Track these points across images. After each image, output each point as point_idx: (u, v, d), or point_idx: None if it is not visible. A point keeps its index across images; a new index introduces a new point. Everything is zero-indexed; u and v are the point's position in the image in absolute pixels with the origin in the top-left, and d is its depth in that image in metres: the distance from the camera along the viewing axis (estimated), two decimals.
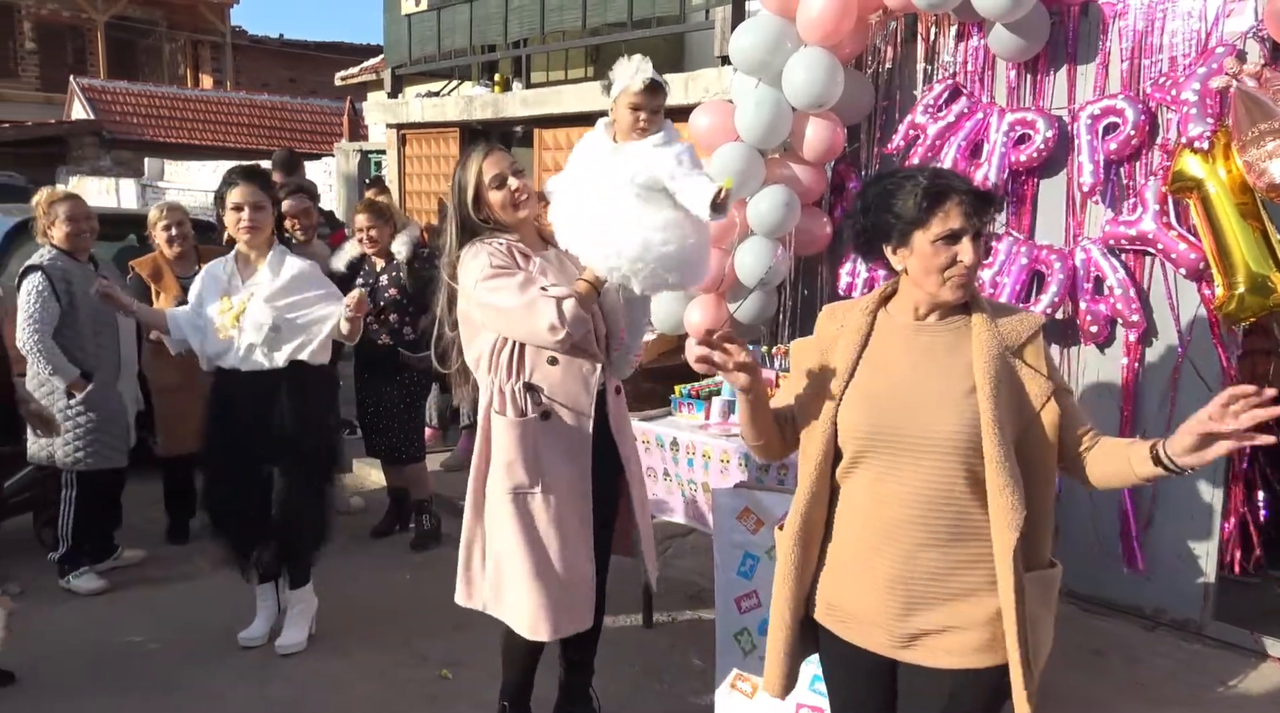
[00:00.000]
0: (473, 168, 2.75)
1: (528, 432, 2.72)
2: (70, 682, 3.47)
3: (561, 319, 2.59)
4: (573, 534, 2.76)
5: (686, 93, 5.24)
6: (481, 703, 3.23)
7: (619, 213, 2.69)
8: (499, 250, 2.70)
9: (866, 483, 1.93)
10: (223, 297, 3.54)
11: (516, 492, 2.73)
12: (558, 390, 2.74)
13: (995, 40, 3.80)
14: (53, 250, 4.18)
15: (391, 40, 7.87)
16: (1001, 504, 1.81)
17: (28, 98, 21.47)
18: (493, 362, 2.75)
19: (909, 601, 1.88)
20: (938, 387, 1.88)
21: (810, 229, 4.35)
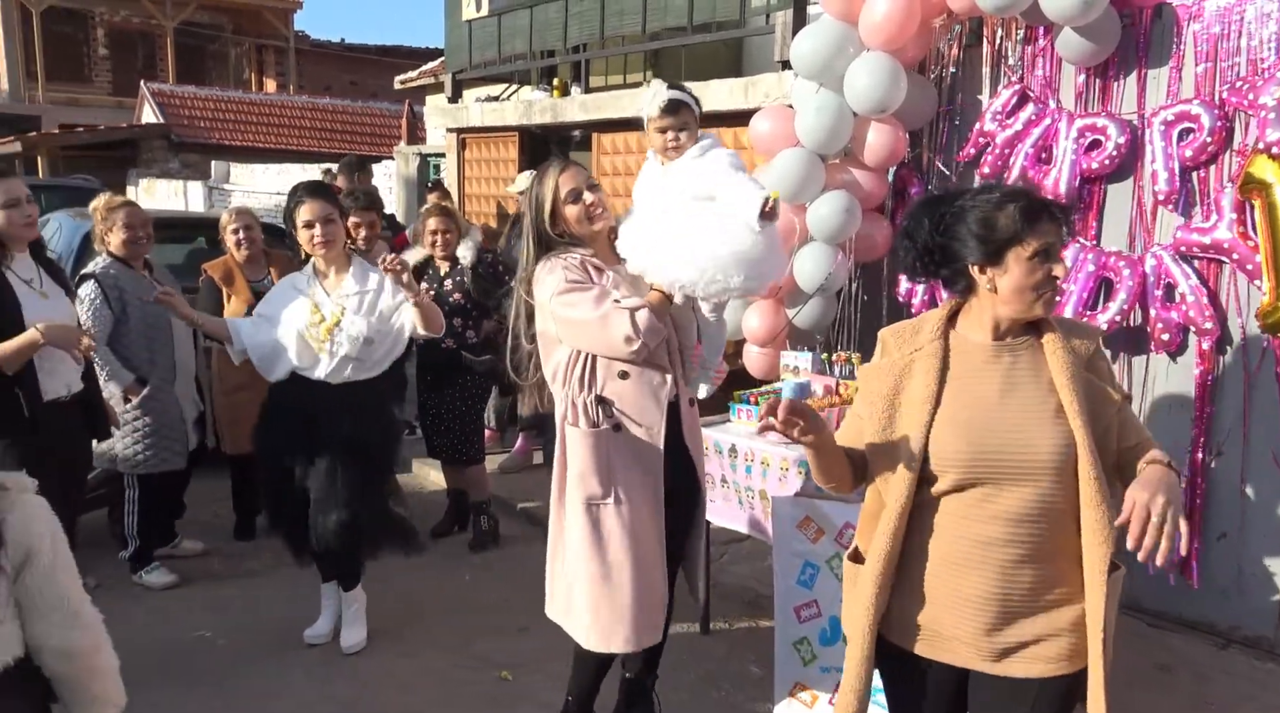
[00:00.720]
0: (549, 183, 2.79)
1: (600, 443, 2.76)
2: (141, 676, 3.54)
3: (636, 330, 2.62)
4: (646, 546, 2.79)
5: (746, 97, 5.23)
6: (543, 705, 3.26)
7: (676, 227, 2.72)
8: (573, 265, 2.74)
9: (960, 506, 1.92)
10: (312, 311, 3.56)
11: (590, 502, 2.77)
12: (628, 404, 2.77)
13: (1064, 44, 3.74)
14: (108, 258, 4.29)
15: (452, 45, 7.97)
16: (1095, 519, 1.84)
17: (100, 102, 22.17)
18: (567, 375, 2.79)
19: (1003, 616, 1.90)
20: (1029, 408, 1.89)
21: (871, 235, 4.31)
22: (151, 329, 4.32)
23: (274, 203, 12.47)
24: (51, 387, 3.36)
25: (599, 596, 2.75)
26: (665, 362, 2.80)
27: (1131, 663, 3.50)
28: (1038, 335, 1.95)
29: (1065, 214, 1.92)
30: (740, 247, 2.66)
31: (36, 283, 3.35)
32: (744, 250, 2.67)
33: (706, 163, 2.78)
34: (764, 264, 2.74)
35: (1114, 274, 3.73)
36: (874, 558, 1.99)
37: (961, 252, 1.90)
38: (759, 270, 2.73)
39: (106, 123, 19.30)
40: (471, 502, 4.99)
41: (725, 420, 3.81)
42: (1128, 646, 3.64)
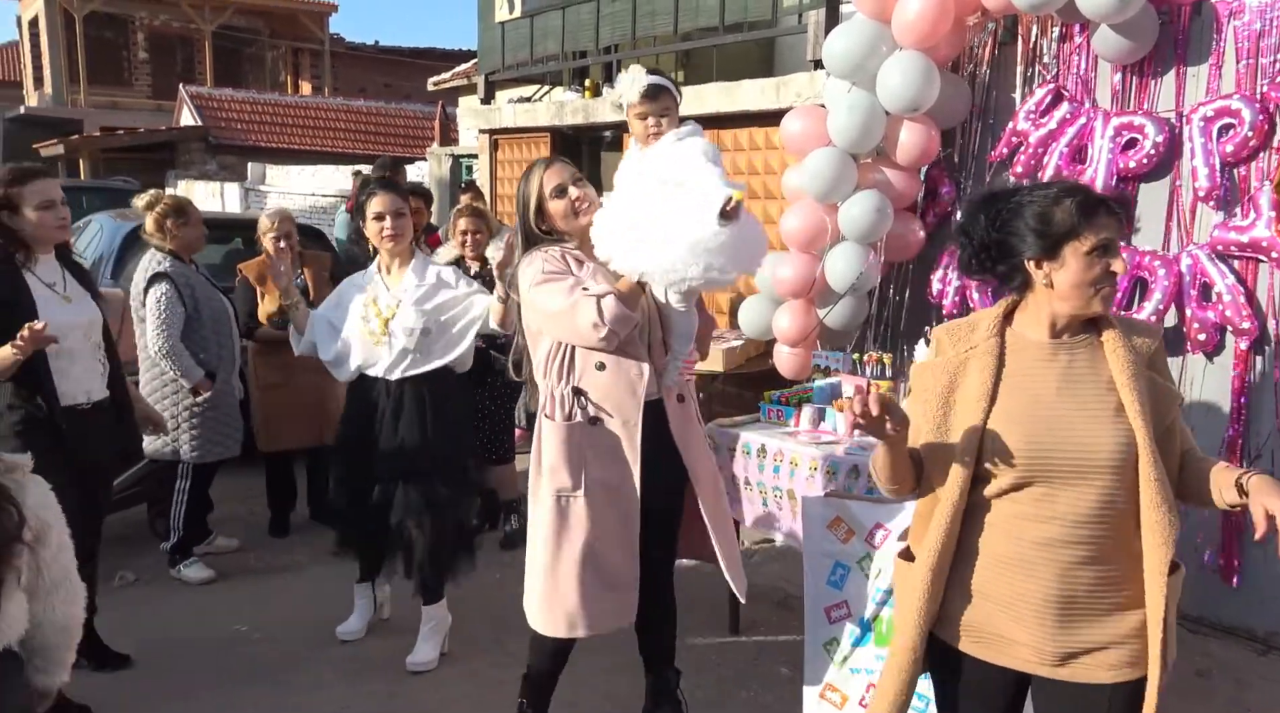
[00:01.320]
0: (535, 180, 2.82)
1: (573, 435, 2.77)
2: (178, 670, 3.63)
3: (602, 316, 2.60)
4: (612, 535, 2.79)
5: (778, 97, 5.22)
6: (568, 704, 3.28)
7: (638, 214, 2.66)
8: (552, 257, 2.76)
9: (1017, 506, 1.90)
10: (370, 304, 3.55)
11: (559, 494, 2.78)
12: (604, 396, 2.76)
13: (1100, 41, 3.70)
14: (170, 257, 4.37)
15: (485, 48, 8.02)
16: (1156, 520, 1.82)
17: (140, 105, 22.55)
18: (547, 366, 2.81)
19: (1065, 619, 1.88)
20: (1087, 407, 1.87)
21: (903, 235, 4.29)
22: (219, 323, 4.44)
23: (308, 204, 12.62)
24: (69, 392, 3.25)
25: (551, 581, 2.78)
26: (643, 354, 2.78)
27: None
28: (1097, 333, 1.93)
29: (1125, 209, 1.90)
30: (698, 237, 2.56)
31: (60, 286, 3.27)
32: (702, 241, 2.56)
33: (680, 149, 2.74)
34: (726, 257, 2.60)
35: (1149, 274, 3.69)
36: (925, 555, 1.96)
37: (1018, 246, 1.89)
38: (720, 262, 2.59)
39: (146, 125, 19.61)
40: (501, 501, 5.02)
41: (755, 420, 3.81)
42: None
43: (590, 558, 2.78)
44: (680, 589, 3.17)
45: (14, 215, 3.13)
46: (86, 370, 3.32)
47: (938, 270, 4.31)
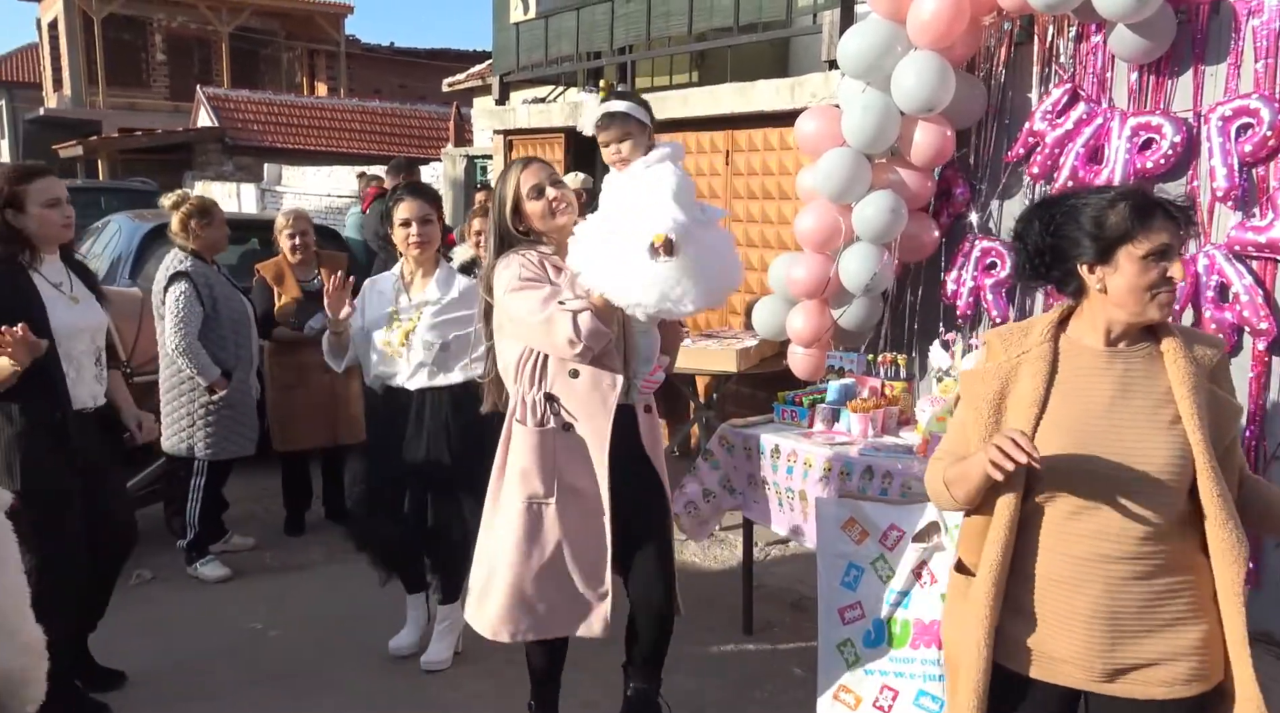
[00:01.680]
0: (511, 180, 2.81)
1: (546, 442, 2.74)
2: (196, 667, 3.66)
3: (578, 332, 2.59)
4: (581, 543, 2.77)
5: (793, 97, 5.21)
6: (587, 703, 3.29)
7: (601, 236, 2.66)
8: (529, 262, 2.73)
9: (1063, 518, 1.86)
10: (391, 314, 3.53)
11: (531, 501, 2.75)
12: (577, 403, 2.74)
13: (1117, 41, 3.68)
14: (191, 256, 4.41)
15: (500, 49, 8.04)
16: (1224, 539, 1.78)
17: (158, 106, 22.71)
18: (518, 370, 2.78)
19: (1115, 635, 1.84)
20: (1142, 418, 1.83)
21: (917, 235, 4.28)
22: (238, 323, 4.48)
23: (324, 204, 12.68)
24: (79, 396, 3.22)
25: (516, 587, 2.74)
26: (617, 365, 2.76)
27: None
28: (1155, 342, 1.88)
29: (1184, 214, 1.83)
30: (640, 271, 2.56)
31: (66, 287, 3.22)
32: (649, 273, 2.56)
33: (646, 176, 2.70)
34: (681, 288, 2.57)
35: None
36: (986, 570, 1.90)
37: (1072, 251, 1.85)
38: (675, 294, 2.57)
39: (164, 127, 19.76)
40: None
41: (769, 420, 3.81)
42: None
43: (560, 565, 2.76)
44: (694, 591, 3.17)
45: (19, 214, 3.09)
46: (93, 375, 3.30)
47: (952, 271, 4.30)
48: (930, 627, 2.82)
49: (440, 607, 3.72)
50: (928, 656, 2.82)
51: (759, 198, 5.75)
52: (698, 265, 2.60)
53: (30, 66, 28.10)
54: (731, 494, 3.75)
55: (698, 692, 3.43)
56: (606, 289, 2.62)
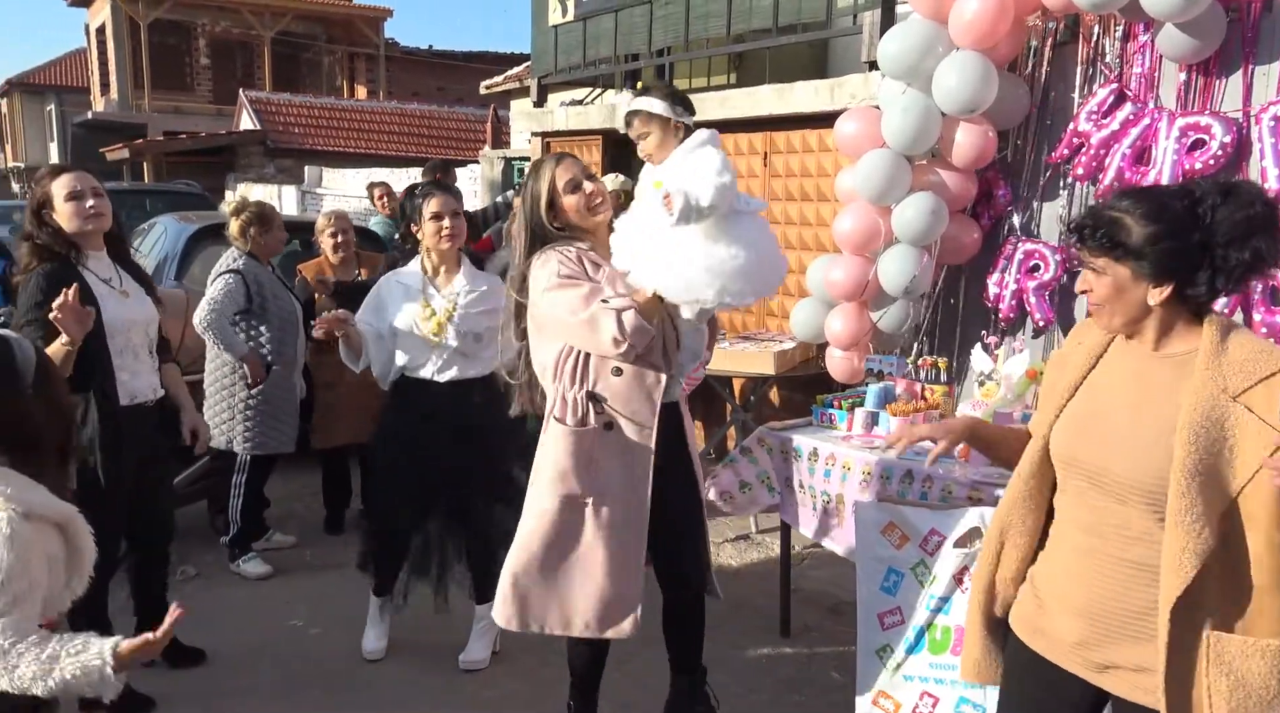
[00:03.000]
0: (545, 176, 2.78)
1: (585, 441, 2.72)
2: (237, 663, 3.71)
3: (623, 331, 2.58)
4: (620, 547, 2.75)
5: (832, 99, 5.18)
6: (621, 704, 3.29)
7: (655, 232, 2.64)
8: (568, 258, 2.70)
9: (1069, 508, 1.93)
10: (423, 306, 3.52)
11: (567, 500, 2.74)
12: (620, 401, 2.72)
13: (1165, 41, 3.62)
14: (246, 256, 4.52)
15: (538, 51, 8.08)
16: (1171, 555, 1.72)
17: (202, 109, 23.10)
18: (558, 369, 2.75)
19: (1097, 631, 1.86)
20: (1142, 423, 1.80)
21: (958, 237, 4.24)
22: (285, 322, 4.56)
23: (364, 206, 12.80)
24: (138, 389, 3.31)
25: (548, 584, 2.75)
26: (660, 362, 2.74)
27: None
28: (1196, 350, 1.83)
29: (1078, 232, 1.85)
30: (715, 261, 2.56)
31: (115, 282, 3.29)
32: (718, 265, 2.57)
33: (689, 159, 2.68)
34: (742, 281, 2.60)
35: None
36: (995, 519, 2.04)
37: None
38: (736, 287, 2.59)
39: (207, 130, 20.10)
40: None
41: (807, 423, 3.79)
42: None
43: (592, 566, 2.75)
44: (730, 594, 3.17)
45: (53, 212, 3.20)
46: (149, 367, 3.39)
47: (994, 273, 4.25)
48: None
49: (478, 607, 3.74)
50: None
51: (797, 200, 5.72)
52: (759, 257, 2.64)
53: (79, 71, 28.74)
54: (770, 492, 3.73)
55: (734, 695, 3.42)
56: (661, 286, 2.61)
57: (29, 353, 1.90)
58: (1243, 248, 1.71)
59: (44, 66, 30.76)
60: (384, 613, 3.81)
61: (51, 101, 29.66)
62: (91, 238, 3.25)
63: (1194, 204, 1.75)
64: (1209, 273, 1.75)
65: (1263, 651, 1.70)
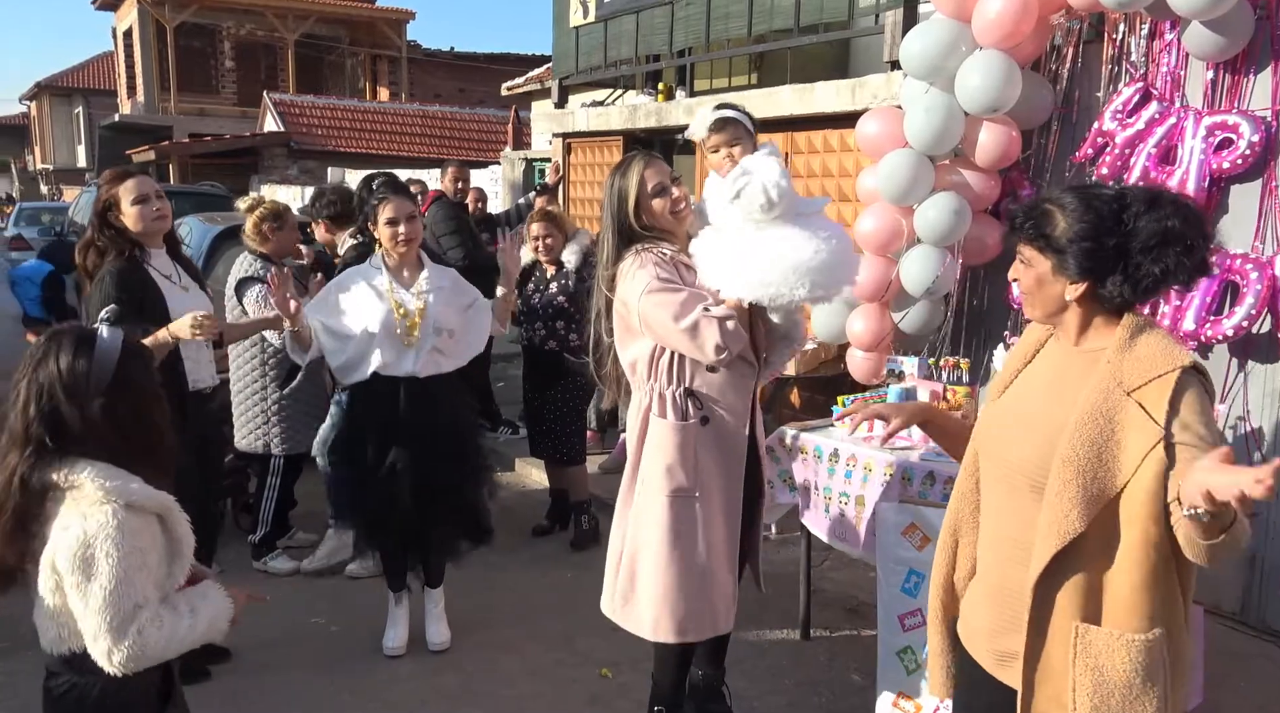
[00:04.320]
0: (634, 175, 2.79)
1: (689, 435, 2.77)
2: (261, 658, 3.73)
3: (725, 339, 2.64)
4: (721, 541, 2.81)
5: (854, 99, 5.17)
6: (642, 703, 3.29)
7: (737, 245, 2.73)
8: (663, 261, 2.74)
9: (985, 497, 1.97)
10: (395, 307, 3.52)
11: (676, 494, 2.77)
12: (718, 397, 2.78)
13: (1191, 39, 3.58)
14: (260, 259, 4.51)
15: (559, 53, 8.10)
16: (1039, 534, 1.76)
17: (226, 112, 23.32)
18: (652, 368, 2.79)
19: (1000, 616, 1.88)
20: (1046, 413, 1.82)
21: (981, 238, 4.21)
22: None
23: None
24: (201, 378, 3.55)
25: (664, 585, 2.77)
26: (750, 355, 2.81)
27: (1269, 691, 3.33)
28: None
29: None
30: (799, 260, 2.66)
31: (175, 278, 3.50)
32: (803, 263, 2.66)
33: (749, 164, 2.76)
34: (827, 274, 2.71)
35: (1240, 277, 3.56)
36: (947, 516, 2.06)
37: None
38: (823, 280, 2.70)
39: (231, 132, 20.29)
40: (572, 501, 5.06)
41: (828, 424, 3.78)
42: (1262, 672, 3.46)
43: (712, 562, 2.80)
44: (751, 594, 3.16)
45: (118, 214, 3.39)
46: (208, 357, 3.61)
47: None
48: None
49: (431, 591, 3.82)
50: None
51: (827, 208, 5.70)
52: (841, 251, 2.75)
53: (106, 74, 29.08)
54: (791, 491, 3.73)
55: (754, 696, 3.42)
56: (756, 297, 2.69)
57: (111, 347, 1.91)
58: (1156, 260, 1.71)
59: (72, 70, 31.18)
60: (401, 607, 3.83)
61: (79, 104, 30.04)
62: (154, 237, 3.46)
63: (1121, 209, 1.75)
64: (1120, 278, 1.75)
65: (1127, 644, 1.72)
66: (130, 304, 3.27)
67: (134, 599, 1.81)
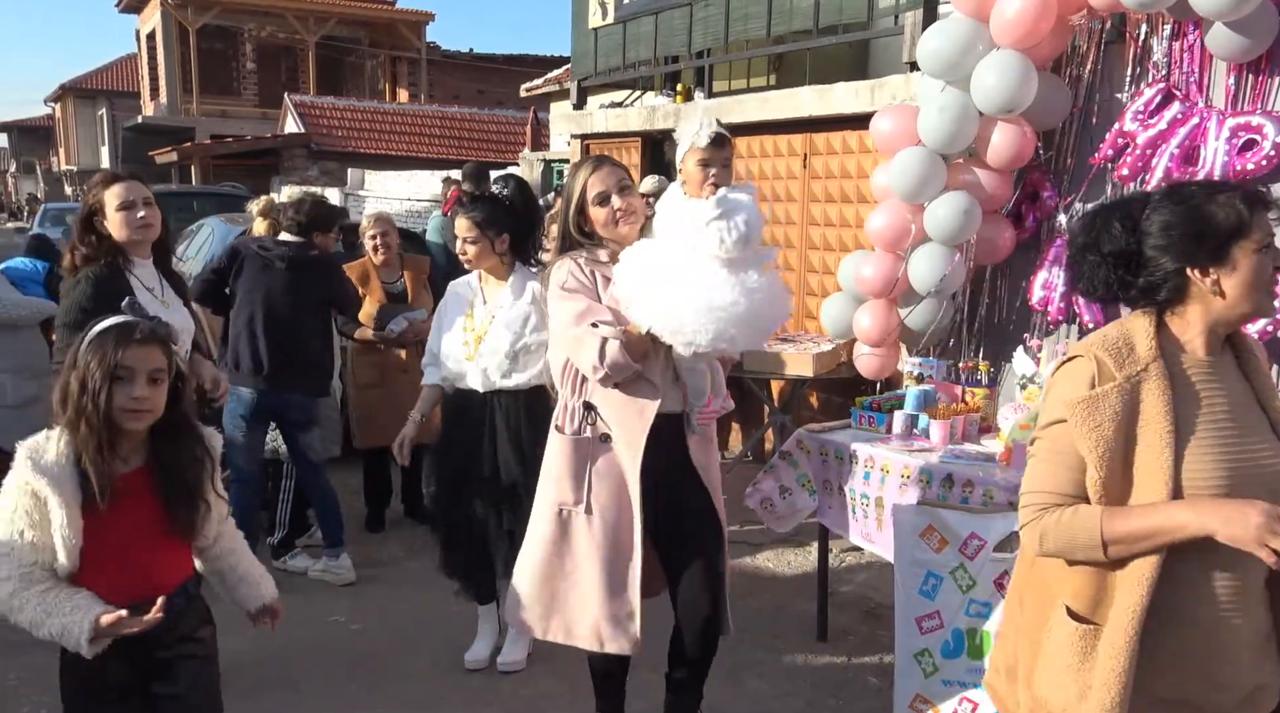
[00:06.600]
0: (580, 180, 2.78)
1: (580, 450, 2.75)
2: (281, 656, 3.76)
3: (601, 359, 2.60)
4: (612, 562, 2.75)
5: (873, 100, 5.15)
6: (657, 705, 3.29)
7: (660, 270, 2.63)
8: (578, 270, 2.73)
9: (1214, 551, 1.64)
10: (467, 317, 3.54)
11: (561, 507, 2.78)
12: (613, 414, 2.74)
13: (1214, 40, 3.55)
14: None
15: (578, 54, 8.12)
16: None
17: (247, 113, 23.50)
18: (563, 376, 2.80)
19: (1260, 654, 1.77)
20: (1259, 428, 1.73)
21: (992, 238, 4.20)
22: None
23: (404, 208, 12.95)
24: None
25: (547, 590, 2.80)
26: (658, 379, 2.73)
27: None
28: (1231, 348, 1.78)
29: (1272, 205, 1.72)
30: (714, 303, 2.55)
31: (158, 291, 3.31)
32: (718, 308, 2.55)
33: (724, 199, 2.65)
34: (740, 327, 2.60)
35: None
36: (1124, 616, 1.67)
37: (1170, 256, 1.69)
38: (731, 332, 2.59)
39: (253, 133, 20.44)
40: None
41: (846, 425, 3.77)
42: None
43: (585, 575, 2.77)
44: (767, 597, 3.16)
45: (103, 219, 3.22)
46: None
47: (1041, 276, 4.19)
48: None
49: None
50: None
51: (837, 202, 5.70)
52: (761, 304, 2.62)
53: (129, 76, 29.35)
54: (811, 495, 3.72)
55: (771, 699, 3.41)
56: (655, 325, 2.61)
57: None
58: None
59: (96, 72, 31.51)
60: (488, 619, 3.77)
61: (103, 106, 30.34)
62: (140, 246, 3.28)
63: None
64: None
65: None
66: (100, 313, 3.09)
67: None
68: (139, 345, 2.02)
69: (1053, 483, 1.75)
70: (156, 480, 2.10)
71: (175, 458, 2.12)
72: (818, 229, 5.78)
